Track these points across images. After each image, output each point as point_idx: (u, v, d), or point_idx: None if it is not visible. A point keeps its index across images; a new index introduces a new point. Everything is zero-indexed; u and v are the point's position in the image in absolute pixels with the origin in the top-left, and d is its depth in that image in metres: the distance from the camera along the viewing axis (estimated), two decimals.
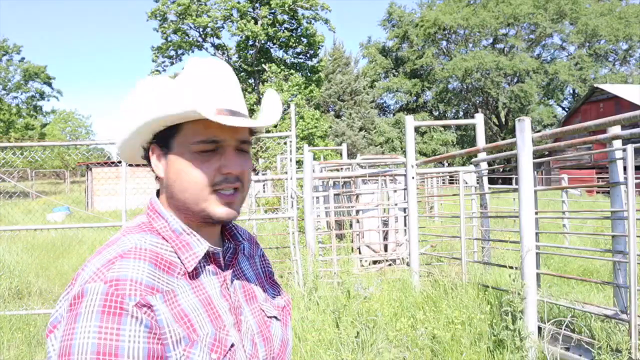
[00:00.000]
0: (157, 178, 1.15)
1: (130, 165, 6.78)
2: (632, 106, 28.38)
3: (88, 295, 0.92)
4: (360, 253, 9.16)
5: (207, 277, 1.12)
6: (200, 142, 1.06)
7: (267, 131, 32.60)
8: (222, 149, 1.09)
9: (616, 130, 4.26)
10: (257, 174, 23.24)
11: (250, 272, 1.30)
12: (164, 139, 1.10)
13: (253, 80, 38.78)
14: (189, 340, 0.99)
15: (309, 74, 39.49)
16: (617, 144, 4.46)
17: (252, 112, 35.97)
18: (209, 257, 1.14)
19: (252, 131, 1.17)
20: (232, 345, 1.07)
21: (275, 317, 1.28)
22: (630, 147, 3.75)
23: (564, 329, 4.13)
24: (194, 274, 1.09)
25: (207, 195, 1.08)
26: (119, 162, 8.75)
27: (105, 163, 19.04)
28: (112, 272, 0.96)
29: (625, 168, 3.80)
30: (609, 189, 4.76)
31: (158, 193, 1.19)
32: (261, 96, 36.29)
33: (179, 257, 1.08)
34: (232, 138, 1.09)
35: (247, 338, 1.15)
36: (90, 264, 1.00)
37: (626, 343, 3.59)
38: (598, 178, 25.89)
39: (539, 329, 4.28)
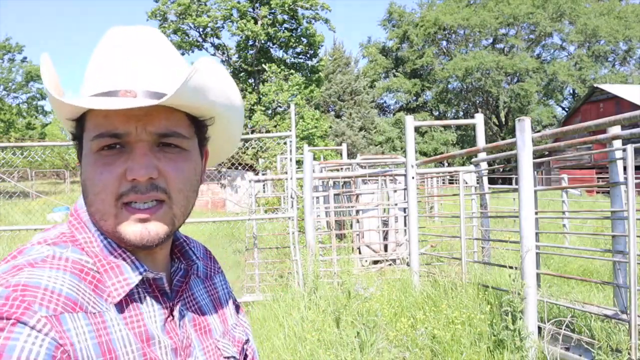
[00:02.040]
0: None
1: None
2: (632, 106, 28.37)
3: None
4: (360, 253, 9.16)
5: (146, 308, 0.85)
6: (97, 137, 0.79)
7: (267, 131, 32.63)
8: (130, 146, 0.80)
9: (616, 130, 4.26)
10: (257, 174, 23.25)
11: (206, 298, 1.03)
12: (78, 135, 0.86)
13: (253, 80, 38.79)
14: None
15: (309, 74, 39.50)
16: (617, 144, 4.46)
17: (252, 111, 36.00)
18: (148, 283, 0.88)
19: (194, 118, 0.88)
20: None
21: (235, 358, 1.02)
22: (630, 147, 3.75)
23: (564, 329, 4.13)
24: (128, 302, 0.83)
25: (113, 209, 0.80)
26: None
27: None
28: (18, 277, 0.71)
29: (625, 168, 3.80)
30: (609, 189, 4.76)
31: None
32: (261, 96, 36.32)
33: (104, 283, 0.81)
34: (143, 130, 0.79)
35: None
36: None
37: (626, 343, 3.60)
38: (598, 178, 25.89)
39: (539, 329, 4.28)
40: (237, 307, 1.17)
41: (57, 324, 0.69)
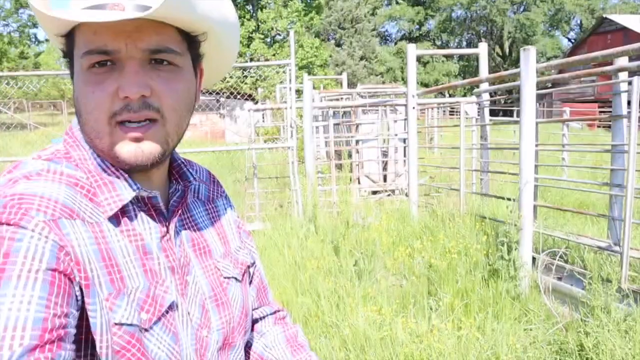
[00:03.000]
0: None
1: None
2: None
3: None
4: (359, 183, 9.22)
5: (142, 225, 0.85)
6: (86, 53, 0.77)
7: (266, 59, 32.03)
8: (121, 64, 0.78)
9: (623, 62, 4.18)
10: (256, 103, 23.02)
11: (206, 220, 1.02)
12: (69, 51, 0.83)
13: (251, 7, 37.67)
14: (113, 288, 0.75)
15: (308, 0, 38.32)
16: (623, 76, 4.38)
17: (250, 39, 35.20)
18: (144, 202, 0.87)
19: (186, 33, 0.84)
20: (171, 307, 0.83)
21: (235, 278, 1.01)
22: (637, 79, 3.69)
23: (558, 260, 4.23)
24: (123, 216, 0.82)
25: (107, 127, 0.79)
26: None
27: None
28: (14, 189, 0.72)
29: (629, 102, 3.75)
30: (610, 122, 4.73)
31: None
32: (260, 23, 35.40)
33: (98, 198, 0.81)
34: (134, 46, 0.77)
35: (194, 303, 0.89)
36: None
37: (616, 274, 3.68)
38: (600, 112, 25.72)
39: (533, 259, 4.38)
40: (243, 232, 1.15)
41: (55, 228, 0.70)
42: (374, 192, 9.08)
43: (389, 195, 8.77)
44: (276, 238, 5.69)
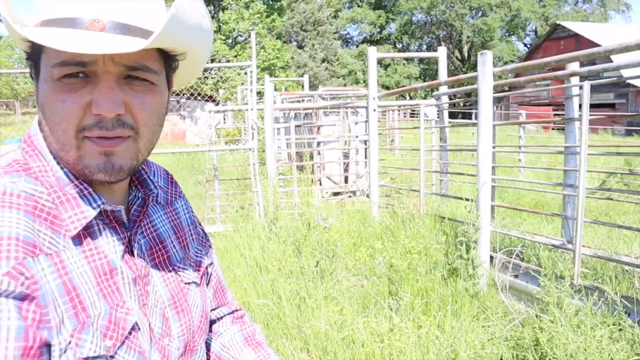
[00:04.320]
0: None
1: None
2: (592, 44, 28.72)
3: None
4: (320, 185, 9.24)
5: (104, 239, 0.83)
6: (58, 64, 0.73)
7: (227, 60, 31.77)
8: (95, 76, 0.74)
9: (574, 67, 4.31)
10: (217, 104, 22.80)
11: (166, 225, 1.01)
12: (34, 56, 0.79)
13: (213, 8, 37.30)
14: (77, 321, 0.74)
15: (270, 2, 38.21)
16: (575, 81, 4.53)
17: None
18: (106, 215, 0.85)
19: (164, 52, 0.83)
20: (134, 328, 0.82)
21: (195, 283, 1.01)
22: (587, 84, 3.82)
23: (514, 258, 4.32)
24: (86, 234, 0.80)
25: (74, 141, 0.76)
26: None
27: None
28: None
29: (580, 105, 3.88)
30: (564, 125, 4.88)
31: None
32: (221, 24, 35.08)
33: (61, 216, 0.78)
34: (111, 61, 0.74)
35: (155, 313, 0.89)
36: None
37: (569, 270, 3.80)
38: (555, 115, 26.47)
39: (491, 258, 4.47)
40: (201, 231, 1.15)
41: (20, 275, 0.68)
42: (336, 194, 9.11)
43: (350, 196, 8.82)
44: (237, 240, 5.64)
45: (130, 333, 0.81)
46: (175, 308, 0.93)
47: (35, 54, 0.78)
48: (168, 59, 0.84)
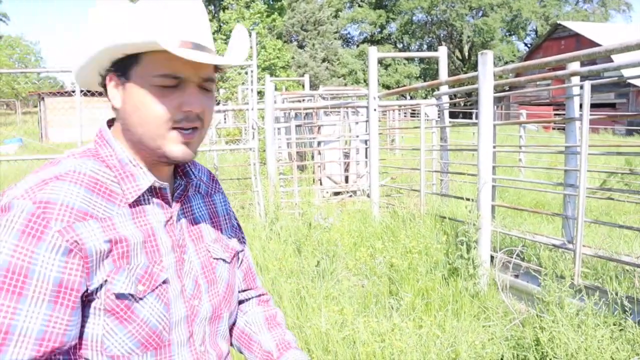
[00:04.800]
0: (114, 108, 1.07)
1: (85, 94, 6.56)
2: (592, 44, 28.71)
3: (14, 210, 0.90)
4: (321, 184, 9.24)
5: (151, 210, 1.07)
6: (161, 76, 0.99)
7: None
8: (184, 85, 1.02)
9: (575, 66, 4.31)
10: (218, 104, 22.78)
11: (203, 210, 1.24)
12: (123, 67, 1.02)
13: (213, 7, 37.31)
14: (114, 266, 0.97)
15: (271, 2, 38.23)
16: (575, 80, 4.53)
17: (212, 40, 34.85)
18: (155, 192, 1.09)
19: (217, 68, 1.11)
20: (165, 282, 1.04)
21: (223, 260, 1.22)
22: (587, 84, 3.82)
23: (515, 258, 4.33)
24: (137, 205, 1.05)
25: (165, 131, 1.02)
26: (73, 91, 8.41)
27: (59, 92, 18.28)
28: (43, 192, 0.93)
29: (581, 105, 3.88)
30: (564, 125, 4.88)
31: (109, 122, 1.13)
32: (222, 24, 35.09)
33: (121, 188, 1.03)
34: (196, 74, 1.02)
35: (189, 278, 1.11)
36: (24, 181, 0.96)
37: (570, 270, 3.80)
38: (555, 114, 26.47)
39: (491, 257, 4.47)
40: (236, 224, 1.38)
41: (68, 233, 0.91)
42: (336, 193, 9.11)
43: (350, 196, 8.82)
44: None
45: (161, 285, 1.03)
46: (205, 277, 1.15)
47: (127, 65, 1.01)
48: (217, 72, 1.14)
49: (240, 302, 1.40)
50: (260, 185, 7.01)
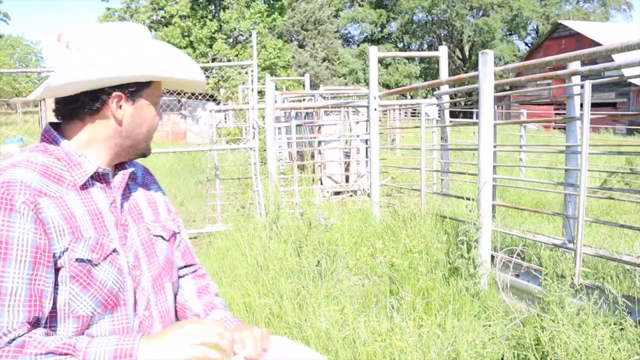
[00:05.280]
0: (116, 119, 1.26)
1: None
2: (593, 43, 28.70)
3: None
4: (321, 184, 9.24)
5: (97, 193, 1.26)
6: (159, 96, 1.35)
7: (228, 60, 31.75)
8: (157, 104, 1.37)
9: (576, 66, 4.30)
10: (218, 103, 22.79)
11: (141, 196, 1.44)
12: (134, 89, 1.26)
13: (214, 7, 37.27)
14: (73, 237, 1.14)
15: (271, 2, 38.20)
16: (576, 80, 4.52)
17: (213, 40, 34.85)
18: (99, 178, 1.28)
19: None
20: (114, 251, 1.23)
21: (162, 237, 1.42)
22: (587, 83, 3.81)
23: (515, 258, 4.32)
24: (84, 189, 1.23)
25: (149, 137, 1.38)
26: None
27: None
28: (3, 176, 1.11)
29: (582, 104, 3.87)
30: (565, 124, 4.87)
31: (53, 125, 1.30)
32: (222, 24, 35.07)
33: (70, 175, 1.22)
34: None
35: (130, 252, 1.29)
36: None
37: (570, 270, 3.79)
38: (556, 114, 26.45)
39: (492, 257, 4.46)
40: (174, 211, 1.58)
41: (31, 204, 1.09)
42: (336, 193, 9.10)
43: (351, 195, 8.82)
44: (238, 239, 5.64)
45: (111, 253, 1.21)
46: (145, 251, 1.34)
47: (140, 88, 1.28)
48: None
49: (180, 278, 1.58)
50: (260, 185, 7.01)
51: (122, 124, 1.27)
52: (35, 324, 1.07)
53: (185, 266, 1.59)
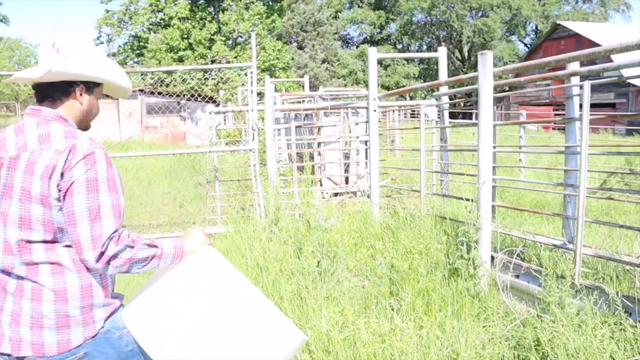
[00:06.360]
0: (80, 103, 1.95)
1: None
2: (592, 44, 28.72)
3: (98, 153, 1.79)
4: (321, 185, 9.24)
5: None
6: (102, 94, 2.07)
7: (227, 61, 31.74)
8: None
9: (575, 66, 4.31)
10: (217, 105, 22.79)
11: None
12: (91, 86, 1.97)
13: (212, 9, 37.28)
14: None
15: (270, 3, 38.21)
16: (575, 80, 4.52)
17: (212, 41, 34.86)
18: None
19: None
20: None
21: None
22: (587, 84, 3.82)
23: (515, 258, 4.32)
24: None
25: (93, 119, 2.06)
26: None
27: None
28: (97, 146, 1.81)
29: (581, 105, 3.88)
30: (564, 125, 4.87)
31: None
32: (221, 25, 35.11)
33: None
34: None
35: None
36: (80, 140, 1.80)
37: (570, 270, 3.80)
38: (555, 114, 26.46)
39: (492, 258, 4.47)
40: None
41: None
42: (336, 194, 9.11)
43: (350, 197, 8.82)
44: (238, 241, 5.64)
45: None
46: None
47: (94, 86, 2.00)
48: None
49: None
50: (260, 187, 7.01)
51: (82, 107, 1.95)
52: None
53: None
